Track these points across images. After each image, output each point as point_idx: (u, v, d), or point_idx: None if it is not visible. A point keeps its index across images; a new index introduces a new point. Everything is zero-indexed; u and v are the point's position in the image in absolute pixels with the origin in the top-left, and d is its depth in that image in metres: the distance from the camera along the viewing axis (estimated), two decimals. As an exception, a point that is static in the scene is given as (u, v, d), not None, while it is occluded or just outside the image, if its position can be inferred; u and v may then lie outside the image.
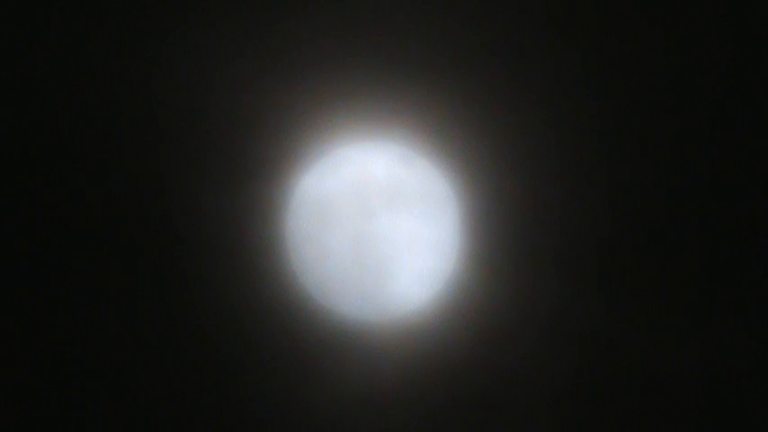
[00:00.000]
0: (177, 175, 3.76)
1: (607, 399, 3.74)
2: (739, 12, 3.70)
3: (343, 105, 3.78)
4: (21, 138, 3.72)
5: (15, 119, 3.72)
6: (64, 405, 3.76)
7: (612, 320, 3.74)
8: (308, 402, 3.79)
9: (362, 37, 3.78)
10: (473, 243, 3.80)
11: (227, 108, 3.76)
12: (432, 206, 3.82)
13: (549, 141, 3.78)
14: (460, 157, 3.80)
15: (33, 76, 3.72)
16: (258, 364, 3.80)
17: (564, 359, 3.74)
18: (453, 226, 3.81)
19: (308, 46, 3.77)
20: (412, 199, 3.83)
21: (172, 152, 3.75)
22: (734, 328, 3.75)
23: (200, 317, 3.79)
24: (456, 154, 3.80)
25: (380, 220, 3.81)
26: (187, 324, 3.78)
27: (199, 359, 3.79)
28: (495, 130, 3.79)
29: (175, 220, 3.77)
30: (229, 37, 3.73)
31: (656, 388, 3.74)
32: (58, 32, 3.73)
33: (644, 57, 3.76)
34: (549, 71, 3.78)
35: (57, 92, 3.74)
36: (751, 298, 3.76)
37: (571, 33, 3.78)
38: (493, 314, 3.75)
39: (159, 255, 3.78)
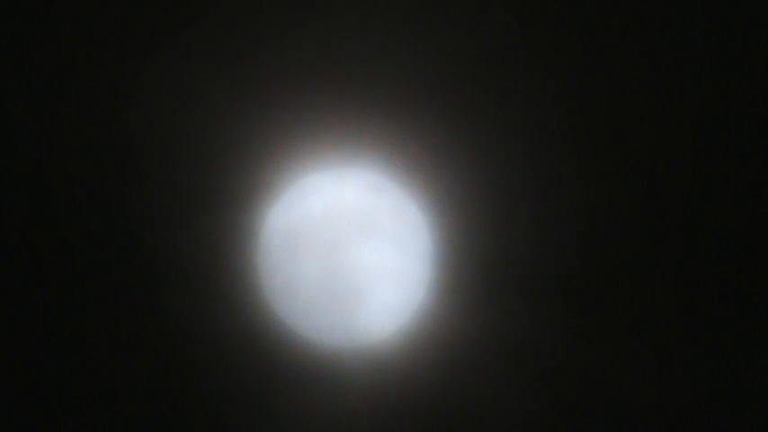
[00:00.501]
0: (147, 207, 3.75)
1: (581, 429, 3.74)
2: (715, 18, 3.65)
3: (313, 134, 3.75)
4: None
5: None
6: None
7: (582, 353, 3.73)
8: (278, 427, 3.81)
9: (331, 64, 3.74)
10: (443, 273, 3.78)
11: (196, 139, 3.75)
12: (401, 235, 3.81)
13: (521, 173, 3.74)
14: (431, 186, 3.77)
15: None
16: (228, 390, 3.81)
17: (532, 392, 3.73)
18: (423, 255, 3.80)
19: (276, 74, 3.73)
20: (382, 228, 3.81)
21: (141, 184, 3.74)
22: (707, 358, 3.73)
23: (170, 345, 3.80)
24: (426, 183, 3.77)
25: (350, 248, 3.79)
26: (157, 351, 3.80)
27: (169, 386, 3.81)
28: (466, 160, 3.75)
29: (146, 251, 3.78)
30: (197, 67, 3.71)
31: (626, 420, 3.73)
32: (24, 66, 3.72)
33: (621, 84, 3.71)
34: (523, 101, 3.74)
35: (25, 124, 3.74)
36: (724, 326, 3.73)
37: (547, 62, 3.73)
38: (462, 345, 3.74)
39: (130, 284, 3.79)
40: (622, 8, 3.71)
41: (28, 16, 3.73)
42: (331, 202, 3.80)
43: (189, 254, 3.78)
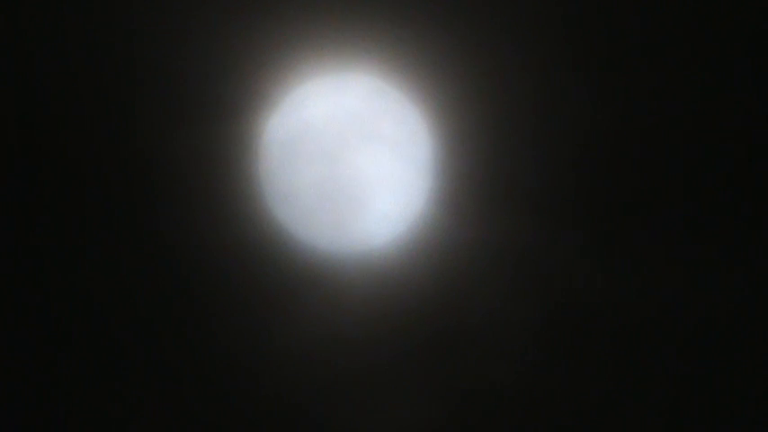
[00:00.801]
0: (146, 116, 3.75)
1: (580, 340, 3.71)
2: None
3: (312, 39, 3.73)
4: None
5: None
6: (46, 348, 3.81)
7: (584, 261, 3.70)
8: (278, 335, 3.80)
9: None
10: (442, 181, 3.76)
11: (195, 47, 3.73)
12: (401, 142, 3.78)
13: (524, 79, 3.71)
14: (432, 92, 3.74)
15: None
16: (225, 296, 3.81)
17: (535, 300, 3.71)
18: (423, 163, 3.77)
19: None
20: (382, 134, 3.79)
21: (140, 94, 3.74)
22: (713, 271, 3.69)
23: (173, 253, 3.80)
24: (427, 89, 3.74)
25: (350, 154, 3.77)
26: (155, 259, 3.80)
27: (171, 295, 3.81)
28: (469, 66, 3.72)
29: (145, 159, 3.77)
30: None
31: (630, 328, 3.70)
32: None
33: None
34: (526, 9, 3.70)
35: (26, 29, 3.74)
36: (732, 240, 3.70)
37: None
38: (459, 254, 3.73)
39: (129, 192, 3.79)
40: None
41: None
42: (330, 108, 3.78)
43: (188, 161, 3.77)
